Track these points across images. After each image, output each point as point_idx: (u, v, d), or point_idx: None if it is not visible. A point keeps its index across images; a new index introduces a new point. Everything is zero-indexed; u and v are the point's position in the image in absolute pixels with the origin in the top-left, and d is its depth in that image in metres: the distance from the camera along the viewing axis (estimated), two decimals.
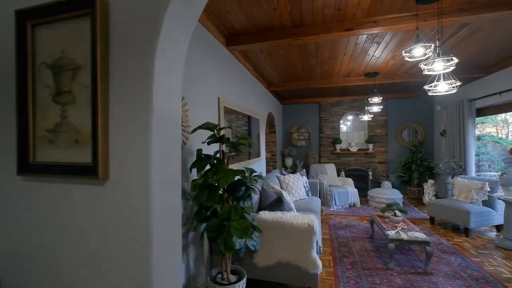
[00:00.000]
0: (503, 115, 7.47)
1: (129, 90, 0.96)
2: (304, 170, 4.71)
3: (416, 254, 2.96)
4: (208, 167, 1.81)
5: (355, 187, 5.46)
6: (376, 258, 2.88)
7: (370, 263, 2.78)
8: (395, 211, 3.09)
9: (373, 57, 3.47)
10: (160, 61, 0.96)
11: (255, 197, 2.49)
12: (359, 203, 5.25)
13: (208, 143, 1.71)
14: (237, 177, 1.78)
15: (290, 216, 2.12)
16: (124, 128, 0.96)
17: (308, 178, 5.12)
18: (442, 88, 2.04)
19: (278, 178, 3.81)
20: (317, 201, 3.78)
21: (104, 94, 0.96)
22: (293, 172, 6.01)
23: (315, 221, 2.06)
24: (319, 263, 2.03)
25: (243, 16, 2.35)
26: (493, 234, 3.69)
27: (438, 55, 1.86)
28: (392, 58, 3.52)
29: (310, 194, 4.20)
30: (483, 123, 7.49)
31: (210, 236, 1.64)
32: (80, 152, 0.99)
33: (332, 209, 4.98)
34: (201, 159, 1.76)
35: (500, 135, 7.75)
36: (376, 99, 4.35)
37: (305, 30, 2.57)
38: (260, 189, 2.52)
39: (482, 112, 4.47)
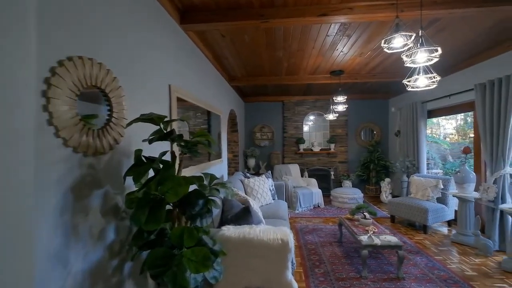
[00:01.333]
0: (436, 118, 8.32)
1: None
2: (269, 171, 4.40)
3: (385, 257, 2.86)
4: (153, 173, 1.31)
5: (318, 187, 5.38)
6: (348, 266, 2.69)
7: (343, 272, 2.57)
8: (364, 213, 2.96)
9: (341, 52, 3.31)
10: None
11: (216, 208, 2.05)
12: (323, 203, 5.18)
13: (150, 141, 1.22)
14: (193, 187, 1.32)
15: (260, 231, 1.74)
16: None
17: (272, 180, 4.84)
18: (422, 82, 1.90)
19: (242, 182, 3.42)
20: (284, 206, 3.49)
21: None
22: (257, 174, 5.69)
23: (290, 235, 1.71)
24: (295, 285, 1.69)
25: None
26: (445, 229, 3.88)
27: (422, 45, 1.68)
28: (359, 55, 3.42)
29: (276, 198, 3.90)
30: None
31: (153, 274, 1.15)
32: None
33: (297, 211, 4.78)
34: (140, 163, 1.26)
35: (435, 136, 8.64)
36: (341, 98, 4.28)
37: (275, 12, 2.22)
38: (223, 198, 2.09)
39: (433, 113, 4.76)
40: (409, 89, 2.02)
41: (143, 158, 1.31)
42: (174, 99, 2.10)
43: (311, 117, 6.38)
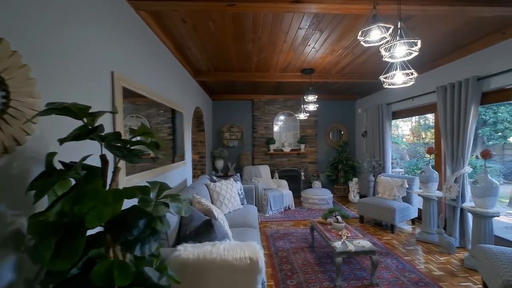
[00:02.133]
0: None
1: None
2: (238, 174, 4.12)
3: (357, 262, 2.76)
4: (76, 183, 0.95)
5: (289, 189, 5.25)
6: (321, 274, 2.53)
7: (317, 282, 2.39)
8: (337, 216, 2.84)
9: (313, 49, 3.17)
10: None
11: (172, 220, 1.71)
12: (294, 205, 5.05)
13: (62, 141, 0.86)
14: (132, 201, 0.99)
15: (225, 249, 1.45)
16: None
17: (242, 183, 4.57)
18: (399, 79, 1.78)
19: (207, 187, 3.08)
20: (254, 211, 3.24)
21: None
22: (225, 176, 5.37)
23: (260, 253, 1.46)
24: None
25: None
26: (409, 227, 3.98)
27: (401, 37, 1.55)
28: (330, 53, 3.32)
29: (246, 202, 3.64)
30: None
31: None
32: None
33: (267, 214, 4.57)
34: (51, 172, 0.90)
35: (394, 137, 9.19)
36: (311, 98, 4.17)
37: None
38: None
39: (397, 115, 4.91)
40: (385, 86, 1.90)
41: (61, 165, 0.94)
42: (119, 90, 1.71)
43: (281, 117, 6.24)
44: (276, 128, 6.23)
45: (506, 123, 7.82)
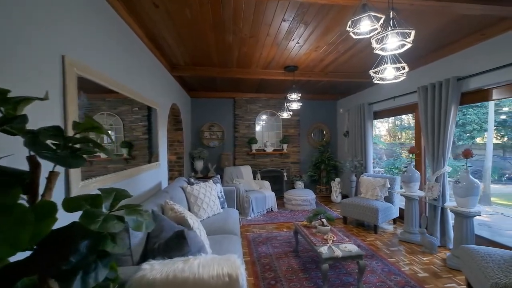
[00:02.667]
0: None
1: None
2: (218, 175, 3.89)
3: (343, 266, 2.66)
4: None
5: (272, 190, 5.10)
6: (306, 282, 2.38)
7: None
8: (322, 219, 2.72)
9: (297, 44, 3.03)
10: None
11: (137, 234, 1.46)
12: (276, 207, 4.91)
13: None
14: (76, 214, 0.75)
15: (199, 265, 1.24)
16: None
17: (222, 184, 4.34)
18: (389, 74, 1.67)
19: (184, 190, 2.83)
20: (235, 215, 3.03)
21: None
22: (205, 177, 5.10)
23: (241, 268, 1.26)
24: None
25: None
26: (391, 227, 3.98)
27: (394, 27, 1.43)
28: (314, 49, 3.20)
29: (226, 206, 3.42)
30: None
31: None
32: None
33: (249, 217, 4.38)
34: None
35: (373, 136, 9.42)
36: (295, 96, 4.04)
37: None
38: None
39: (378, 115, 4.94)
40: (375, 81, 1.78)
41: None
42: (71, 79, 1.43)
43: (264, 116, 6.09)
44: (258, 128, 6.06)
45: (474, 125, 8.33)
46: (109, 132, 2.23)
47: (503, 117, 7.65)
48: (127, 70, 2.26)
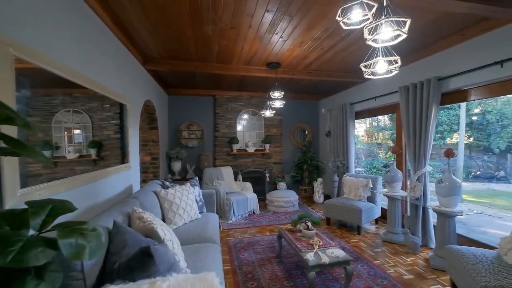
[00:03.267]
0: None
1: None
2: (197, 177, 3.64)
3: (329, 272, 2.54)
4: None
5: (253, 191, 4.92)
6: None
7: None
8: (307, 223, 2.58)
9: (280, 38, 2.88)
10: None
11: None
12: (259, 209, 4.74)
13: None
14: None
15: None
16: None
17: (201, 187, 4.09)
18: (381, 68, 1.56)
19: (157, 195, 2.56)
20: (214, 220, 2.81)
21: None
22: (183, 179, 4.81)
23: None
24: None
25: None
26: (373, 227, 3.97)
27: (388, 16, 1.31)
28: (299, 45, 3.07)
29: (205, 210, 3.19)
30: None
31: None
32: None
33: (230, 221, 4.17)
34: None
35: None
36: (277, 94, 3.90)
37: None
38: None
39: (359, 115, 4.95)
40: (366, 76, 1.67)
41: None
42: (9, 63, 1.14)
43: (245, 116, 5.89)
44: (239, 127, 5.86)
45: (445, 126, 8.79)
46: (76, 131, 1.94)
47: (474, 118, 8.11)
48: (89, 59, 1.96)
